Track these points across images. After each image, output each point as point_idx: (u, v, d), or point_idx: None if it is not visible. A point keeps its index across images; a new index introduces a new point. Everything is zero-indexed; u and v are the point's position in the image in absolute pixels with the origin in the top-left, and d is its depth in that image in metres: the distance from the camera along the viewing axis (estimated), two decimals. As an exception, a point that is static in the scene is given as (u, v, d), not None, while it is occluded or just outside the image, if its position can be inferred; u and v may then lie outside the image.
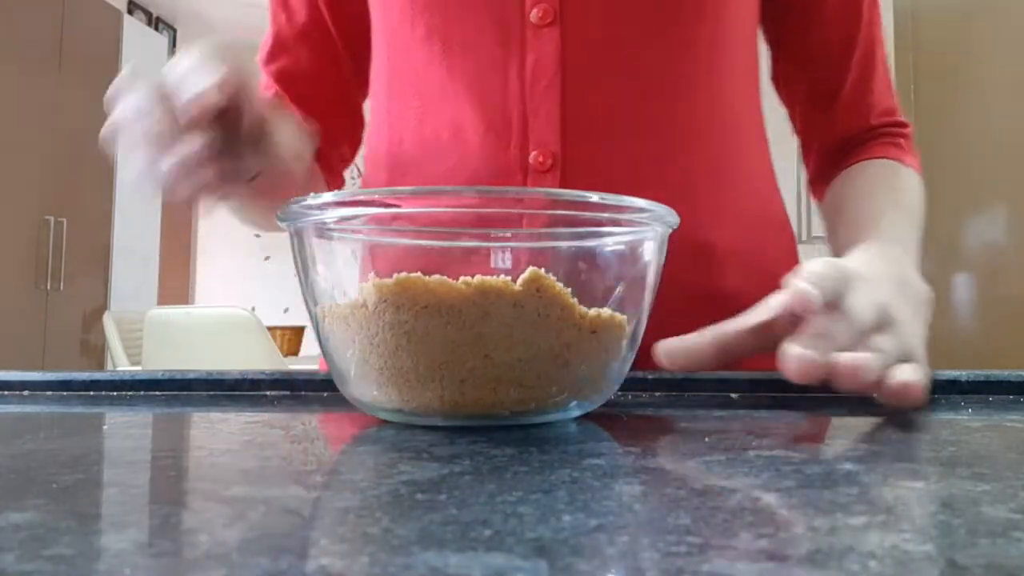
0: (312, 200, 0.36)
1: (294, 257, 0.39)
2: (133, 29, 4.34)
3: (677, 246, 0.59)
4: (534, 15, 0.58)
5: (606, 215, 0.37)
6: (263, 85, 0.73)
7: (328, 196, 0.36)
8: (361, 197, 0.37)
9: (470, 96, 0.59)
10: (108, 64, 4.10)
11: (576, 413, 0.38)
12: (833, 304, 0.42)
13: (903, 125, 0.72)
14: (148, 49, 4.45)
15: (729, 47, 0.62)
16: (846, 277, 0.43)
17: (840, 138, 0.71)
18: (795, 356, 0.38)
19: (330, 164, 0.74)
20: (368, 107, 0.73)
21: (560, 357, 0.35)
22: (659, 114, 0.59)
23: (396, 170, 0.64)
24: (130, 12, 4.63)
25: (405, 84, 0.63)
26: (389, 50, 0.65)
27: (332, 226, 0.38)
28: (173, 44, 5.13)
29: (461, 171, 0.59)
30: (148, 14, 4.96)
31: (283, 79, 0.73)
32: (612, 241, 0.38)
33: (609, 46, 0.58)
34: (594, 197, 0.36)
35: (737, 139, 0.64)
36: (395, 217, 0.38)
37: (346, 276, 0.39)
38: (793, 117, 0.73)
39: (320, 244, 0.38)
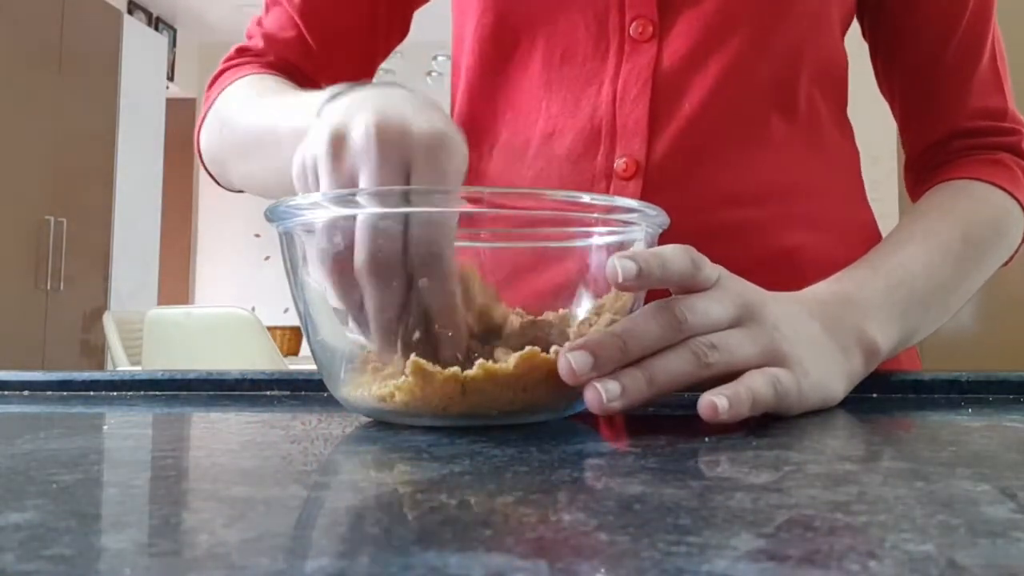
0: (301, 200, 0.36)
1: (283, 256, 0.39)
2: (133, 29, 4.34)
3: (760, 253, 0.58)
4: (633, 29, 0.59)
5: (596, 215, 0.38)
6: (282, 23, 0.68)
7: (317, 196, 0.36)
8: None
9: (564, 106, 0.60)
10: (108, 64, 4.10)
11: (571, 412, 0.38)
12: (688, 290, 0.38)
13: (1012, 132, 0.63)
14: (148, 49, 4.45)
15: (817, 56, 0.61)
16: (699, 266, 0.38)
17: (932, 142, 0.65)
18: (563, 361, 0.35)
19: None
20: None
21: (555, 360, 0.35)
22: (743, 124, 0.59)
23: (482, 177, 0.63)
24: (130, 12, 4.63)
25: (497, 94, 0.63)
26: (471, 58, 0.65)
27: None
28: (173, 44, 5.13)
29: (548, 177, 0.60)
30: (148, 14, 4.96)
31: (307, 13, 0.68)
32: (602, 240, 0.38)
33: (700, 58, 0.58)
34: (585, 197, 0.36)
35: (822, 149, 0.63)
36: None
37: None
38: (895, 118, 0.68)
39: (310, 243, 0.38)
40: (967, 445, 0.33)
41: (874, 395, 0.47)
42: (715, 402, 0.35)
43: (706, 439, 0.32)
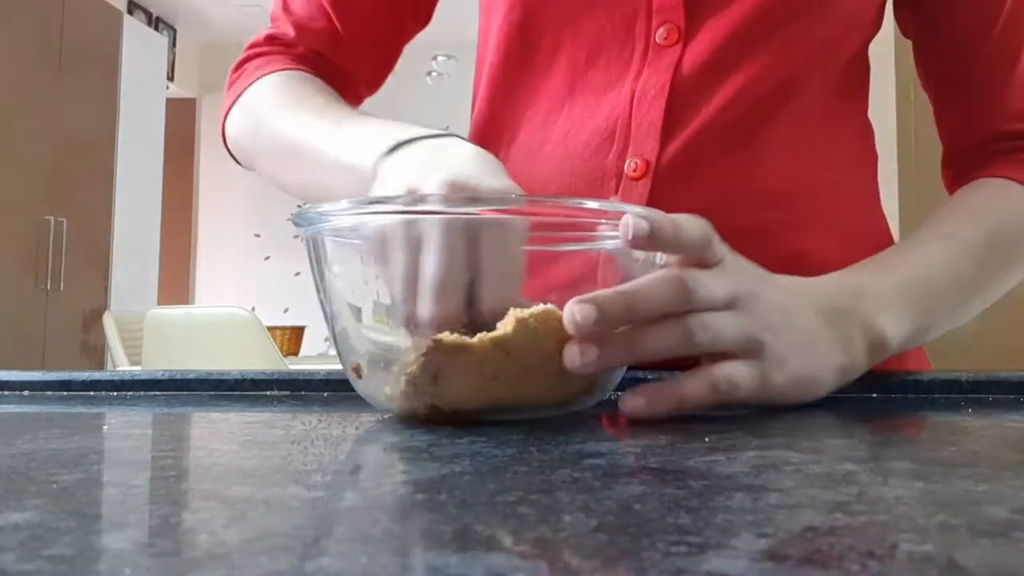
0: (329, 207, 0.37)
1: (310, 260, 0.39)
2: (133, 29, 4.34)
3: (767, 257, 0.57)
4: (659, 35, 0.59)
5: (597, 219, 0.38)
6: (312, 12, 0.69)
7: (344, 203, 0.37)
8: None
9: (586, 108, 0.60)
10: (108, 64, 4.10)
11: (573, 409, 0.38)
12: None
13: None
14: (148, 49, 4.45)
15: (841, 62, 0.61)
16: (710, 241, 0.39)
17: (971, 143, 0.63)
18: (568, 312, 0.35)
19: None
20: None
21: (560, 361, 0.35)
22: (757, 129, 0.58)
23: None
24: (130, 12, 4.63)
25: (520, 92, 0.63)
26: (496, 55, 0.64)
27: (348, 232, 0.39)
28: (173, 44, 5.13)
29: (559, 176, 0.60)
30: (148, 14, 4.96)
31: (338, 3, 0.68)
32: (602, 244, 0.39)
33: (720, 65, 0.58)
34: (589, 203, 0.37)
35: (837, 153, 0.62)
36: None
37: (362, 276, 0.40)
38: (934, 114, 0.66)
39: (336, 247, 0.39)
40: (967, 445, 0.33)
41: (874, 395, 0.47)
42: (634, 405, 0.36)
43: (706, 439, 0.32)
